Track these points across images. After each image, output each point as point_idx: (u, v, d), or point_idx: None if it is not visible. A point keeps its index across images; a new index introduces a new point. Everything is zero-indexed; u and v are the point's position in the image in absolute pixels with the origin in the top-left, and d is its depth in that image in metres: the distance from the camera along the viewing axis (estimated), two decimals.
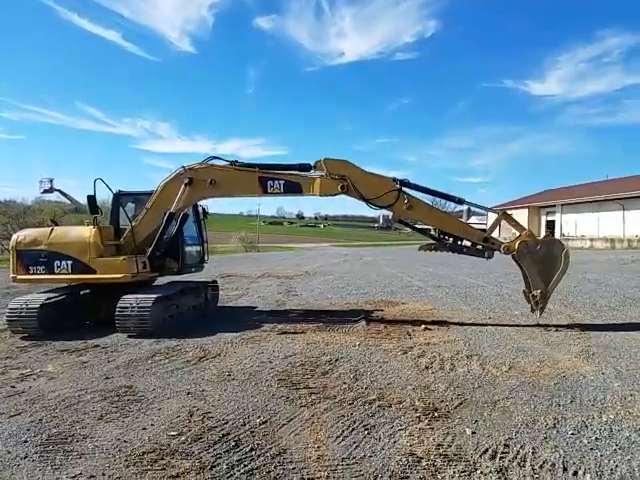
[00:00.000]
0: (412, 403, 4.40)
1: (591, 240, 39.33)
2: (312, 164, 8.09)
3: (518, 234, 7.68)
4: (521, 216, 51.49)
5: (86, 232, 8.07)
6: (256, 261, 28.46)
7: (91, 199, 7.91)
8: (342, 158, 8.06)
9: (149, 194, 8.52)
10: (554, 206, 48.19)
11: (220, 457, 3.37)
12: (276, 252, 50.00)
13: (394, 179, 7.98)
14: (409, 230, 10.50)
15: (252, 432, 3.79)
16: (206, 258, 10.13)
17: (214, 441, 3.64)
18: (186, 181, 8.07)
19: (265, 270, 20.24)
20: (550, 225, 48.76)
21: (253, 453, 3.43)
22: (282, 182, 8.12)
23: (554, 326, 7.61)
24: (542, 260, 7.41)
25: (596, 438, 3.55)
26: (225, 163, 8.36)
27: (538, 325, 7.64)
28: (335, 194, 8.02)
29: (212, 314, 9.41)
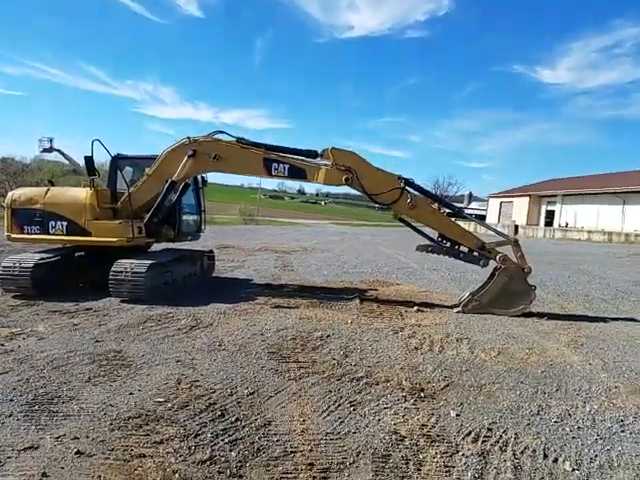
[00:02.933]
0: (399, 382, 4.43)
1: (589, 232, 39.33)
2: (319, 152, 7.95)
3: (520, 262, 7.59)
4: (521, 204, 51.40)
5: (82, 194, 7.99)
6: (254, 234, 28.39)
7: (89, 160, 7.81)
8: (350, 149, 7.91)
9: (147, 159, 8.42)
10: (555, 196, 48.03)
11: (205, 426, 3.39)
12: (275, 226, 49.83)
13: (399, 177, 7.85)
14: None
15: (239, 402, 3.81)
16: (203, 227, 10.09)
17: (200, 409, 3.66)
18: (190, 152, 7.92)
19: (263, 244, 20.21)
20: (550, 215, 48.72)
21: (238, 423, 3.45)
22: (287, 166, 7.97)
23: (546, 315, 7.63)
24: (511, 292, 7.53)
25: (578, 427, 3.58)
26: (231, 139, 8.20)
27: (530, 313, 7.66)
28: (339, 185, 7.91)
29: (207, 284, 9.41)
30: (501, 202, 56.86)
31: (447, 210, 8.26)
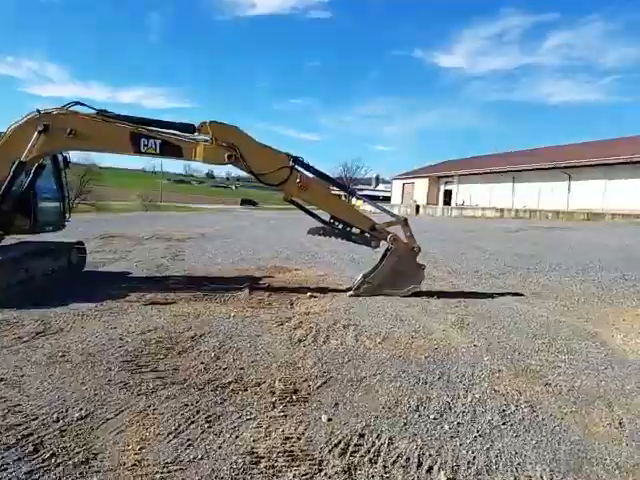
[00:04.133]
0: (271, 385, 3.92)
1: (483, 209, 42.02)
2: (197, 126, 7.13)
3: (408, 241, 7.43)
4: (421, 185, 53.71)
5: None
6: (152, 221, 26.59)
7: None
8: (231, 123, 7.19)
9: None
10: (452, 176, 50.67)
11: (4, 469, 2.62)
12: (179, 212, 47.69)
13: (288, 155, 7.29)
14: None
15: (62, 431, 3.06)
16: (67, 216, 8.86)
17: (7, 445, 2.87)
18: (40, 128, 6.70)
19: (157, 231, 18.82)
20: (448, 194, 51.40)
21: (52, 461, 2.72)
22: (159, 142, 7.07)
23: (435, 293, 7.57)
24: (401, 272, 7.40)
25: (458, 423, 3.30)
26: (92, 112, 7.10)
27: (420, 293, 7.56)
28: (221, 163, 7.18)
29: (74, 280, 8.25)
30: (404, 184, 59.05)
31: (339, 191, 7.89)
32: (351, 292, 7.45)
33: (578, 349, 4.97)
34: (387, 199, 67.77)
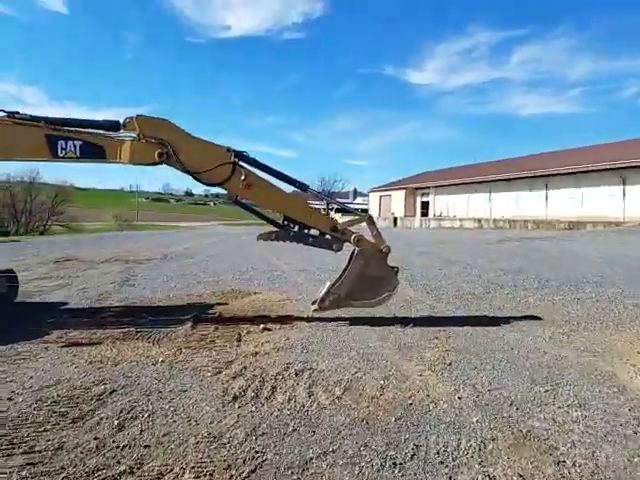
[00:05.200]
0: (178, 478, 2.79)
1: (461, 220, 41.53)
2: (122, 121, 6.06)
3: (375, 241, 6.45)
4: (398, 197, 53.20)
5: None
6: (120, 241, 25.17)
7: None
8: (162, 117, 6.14)
9: None
10: (428, 188, 50.28)
11: None
12: (154, 231, 46.25)
13: (228, 149, 6.26)
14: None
15: None
16: None
17: None
18: None
19: (119, 253, 17.48)
20: (425, 206, 50.96)
21: None
22: (79, 143, 5.96)
23: (411, 320, 6.53)
24: (370, 278, 6.35)
25: None
26: (2, 115, 5.97)
27: (394, 320, 6.51)
28: (151, 163, 6.08)
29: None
30: (380, 196, 58.52)
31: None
32: (314, 307, 6.37)
33: (592, 400, 3.94)
34: (365, 212, 67.23)
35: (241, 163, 6.26)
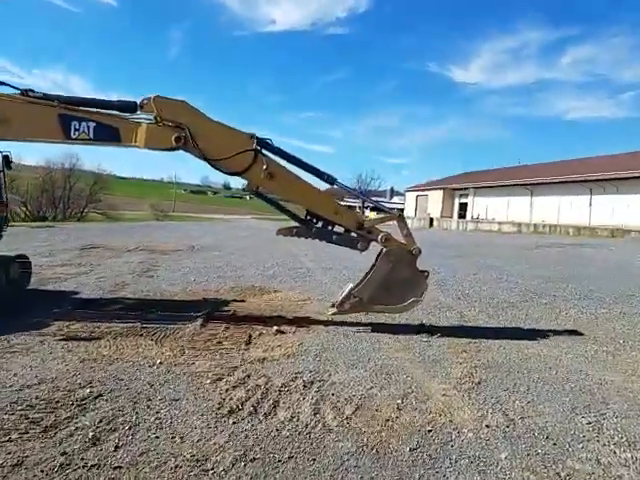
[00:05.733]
0: None
1: (499, 223, 40.06)
2: (139, 102, 5.72)
3: (405, 241, 5.90)
4: (436, 197, 51.89)
5: None
6: (152, 231, 25.33)
7: None
8: (180, 99, 5.77)
9: None
10: (467, 189, 48.81)
11: None
12: (189, 222, 46.75)
13: (251, 136, 5.82)
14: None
15: None
16: (4, 227, 7.45)
17: None
18: None
19: (148, 242, 17.45)
20: (463, 207, 49.51)
21: None
22: (92, 125, 5.66)
23: (439, 329, 5.94)
24: (397, 281, 5.79)
25: None
26: (14, 92, 5.74)
27: (421, 327, 5.94)
28: (168, 148, 5.71)
29: (9, 300, 6.79)
30: (417, 196, 57.29)
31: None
32: (333, 310, 5.88)
33: None
34: (401, 211, 66.13)
35: (264, 152, 5.83)
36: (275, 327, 5.86)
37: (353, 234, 6.01)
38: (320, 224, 6.04)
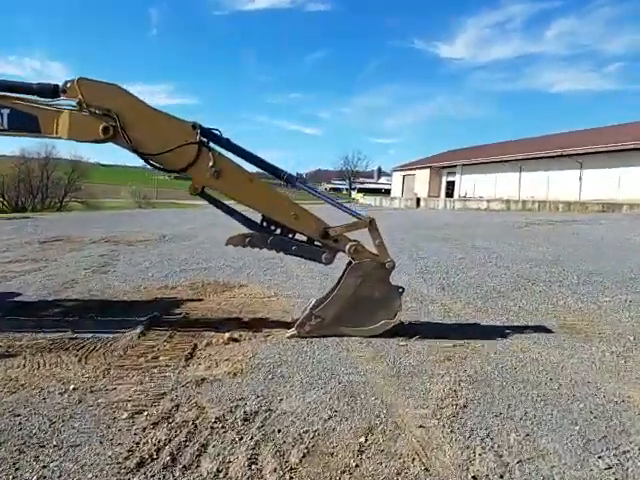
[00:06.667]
0: None
1: (488, 201, 39.41)
2: (61, 86, 4.72)
3: (378, 253, 5.01)
4: (423, 177, 51.06)
5: None
6: (125, 220, 24.21)
7: None
8: (111, 82, 4.78)
9: None
10: (454, 167, 48.02)
11: None
12: (172, 209, 45.63)
13: (194, 125, 4.85)
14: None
15: None
16: None
17: None
18: None
19: (115, 233, 16.42)
20: (450, 186, 48.78)
21: None
22: (6, 112, 4.68)
23: (419, 327, 5.14)
24: (366, 299, 4.94)
25: None
26: None
27: (397, 329, 5.11)
28: (95, 140, 4.75)
29: None
30: (404, 175, 56.41)
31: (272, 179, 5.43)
32: (291, 331, 5.03)
33: None
34: (389, 192, 65.36)
35: (211, 145, 4.90)
36: (227, 334, 4.99)
37: (317, 244, 5.13)
38: (278, 231, 5.14)
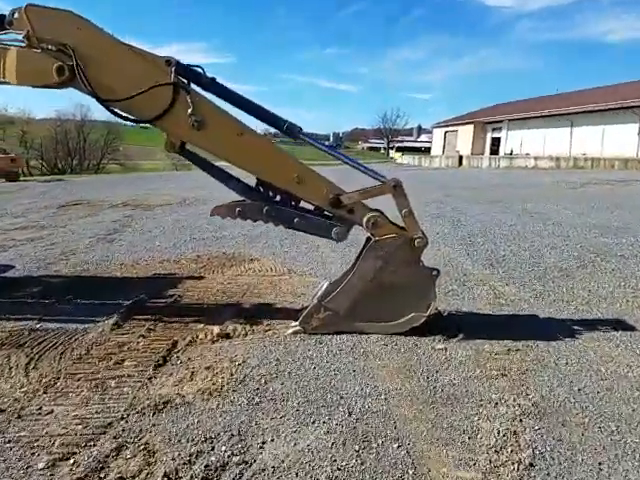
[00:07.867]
0: None
1: (535, 159, 36.64)
2: (8, 15, 3.65)
3: (407, 226, 3.79)
4: (466, 133, 48.14)
5: None
6: (154, 182, 23.65)
7: None
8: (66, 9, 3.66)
9: None
10: (501, 122, 44.90)
11: None
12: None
13: (168, 61, 3.68)
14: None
15: None
16: None
17: None
18: None
19: (137, 196, 15.78)
20: (496, 143, 45.85)
21: None
22: None
23: (458, 319, 4.00)
24: (390, 287, 3.77)
25: None
26: None
27: (436, 316, 3.98)
28: (48, 85, 3.71)
29: None
30: (445, 132, 53.42)
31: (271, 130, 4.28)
32: (295, 326, 3.99)
33: None
34: (429, 150, 62.55)
35: (191, 87, 3.74)
36: (218, 329, 4.00)
37: (325, 214, 3.96)
38: (278, 198, 4.00)
